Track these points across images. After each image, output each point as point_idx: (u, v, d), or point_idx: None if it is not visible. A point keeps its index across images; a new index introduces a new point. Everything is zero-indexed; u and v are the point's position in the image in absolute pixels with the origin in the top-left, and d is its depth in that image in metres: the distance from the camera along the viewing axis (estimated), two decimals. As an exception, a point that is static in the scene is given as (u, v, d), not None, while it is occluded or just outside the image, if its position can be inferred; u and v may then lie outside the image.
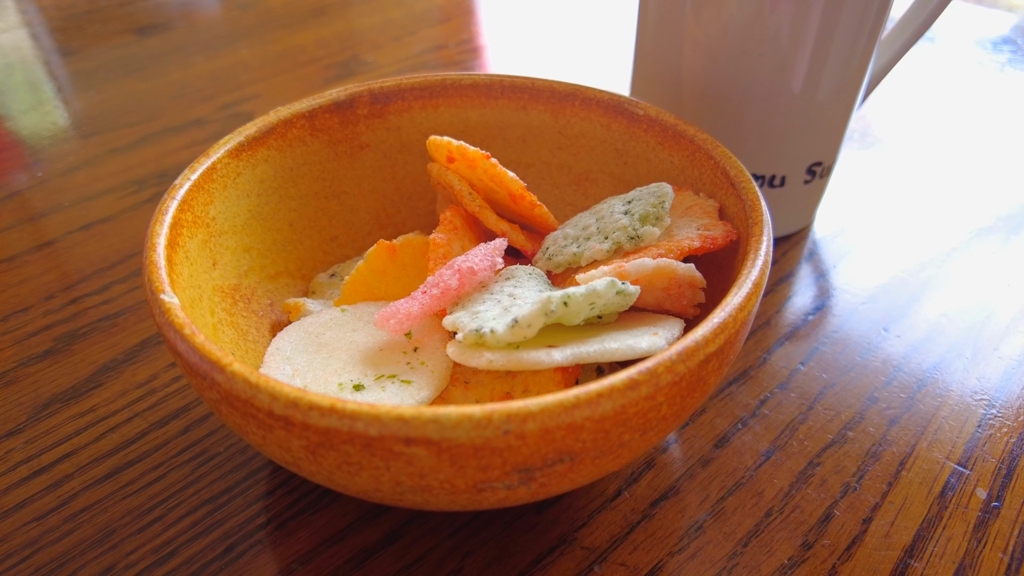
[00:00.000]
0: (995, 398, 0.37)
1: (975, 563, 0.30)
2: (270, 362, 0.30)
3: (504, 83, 0.40)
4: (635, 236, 0.31)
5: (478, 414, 0.21)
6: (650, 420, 0.24)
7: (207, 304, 0.31)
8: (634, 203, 0.33)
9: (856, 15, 0.39)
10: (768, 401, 0.37)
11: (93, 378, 0.37)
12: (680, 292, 0.30)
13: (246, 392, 0.22)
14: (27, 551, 0.29)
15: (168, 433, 0.34)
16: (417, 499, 0.24)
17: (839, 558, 0.30)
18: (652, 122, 0.37)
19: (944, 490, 0.33)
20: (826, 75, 0.40)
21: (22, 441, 0.34)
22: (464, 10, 0.85)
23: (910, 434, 0.35)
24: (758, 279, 0.27)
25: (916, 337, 0.41)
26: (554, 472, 0.23)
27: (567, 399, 0.21)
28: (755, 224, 0.30)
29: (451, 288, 0.29)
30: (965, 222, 0.50)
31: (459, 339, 0.26)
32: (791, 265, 0.46)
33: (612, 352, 0.26)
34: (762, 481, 0.33)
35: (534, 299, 0.27)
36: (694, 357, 0.24)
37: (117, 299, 0.42)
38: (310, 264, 0.38)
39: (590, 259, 0.31)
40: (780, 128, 0.42)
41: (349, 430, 0.21)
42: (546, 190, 0.42)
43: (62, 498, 0.32)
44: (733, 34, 0.40)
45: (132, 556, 0.29)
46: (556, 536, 0.30)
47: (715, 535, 0.31)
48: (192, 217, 0.31)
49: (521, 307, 0.27)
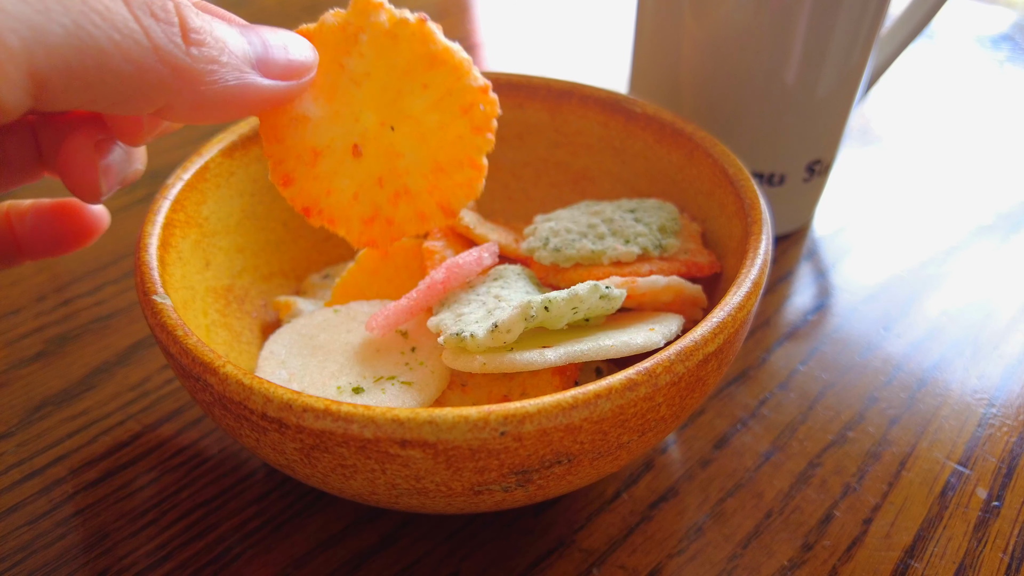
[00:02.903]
0: (995, 397, 0.37)
1: (975, 563, 0.30)
2: (264, 366, 0.29)
3: (500, 81, 0.39)
4: (660, 245, 0.32)
5: (475, 415, 0.21)
6: (649, 421, 0.23)
7: (200, 305, 0.31)
8: (641, 213, 0.34)
9: (854, 12, 0.38)
10: (768, 401, 0.36)
11: (86, 380, 0.37)
12: (682, 308, 0.30)
13: (240, 394, 0.22)
14: (20, 555, 0.29)
15: (161, 436, 0.34)
16: (413, 502, 0.24)
17: (840, 559, 0.30)
18: (650, 120, 0.37)
19: (944, 490, 0.32)
20: (825, 72, 0.40)
21: (14, 444, 0.34)
22: (460, 7, 0.84)
23: (910, 434, 0.35)
24: (757, 278, 0.27)
25: (916, 336, 0.40)
26: (552, 474, 0.23)
27: (564, 400, 0.21)
28: (754, 223, 0.29)
29: (436, 282, 0.29)
30: (965, 220, 0.50)
31: (441, 342, 0.26)
32: (791, 264, 0.46)
33: (607, 349, 0.25)
34: (762, 482, 0.33)
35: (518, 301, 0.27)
36: (693, 357, 0.23)
37: (109, 300, 0.42)
38: (304, 265, 0.38)
39: (613, 259, 0.31)
40: (779, 126, 0.42)
41: (344, 432, 0.21)
42: (543, 188, 0.41)
43: (55, 501, 0.31)
44: (731, 31, 0.39)
45: (125, 560, 0.29)
46: (554, 538, 0.30)
47: (715, 537, 0.30)
48: (185, 217, 0.31)
49: (504, 310, 0.26)
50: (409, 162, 0.28)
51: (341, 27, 0.26)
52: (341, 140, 0.27)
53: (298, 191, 0.28)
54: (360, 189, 0.28)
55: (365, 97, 0.27)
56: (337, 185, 0.28)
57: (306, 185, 0.28)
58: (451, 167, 0.28)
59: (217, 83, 0.22)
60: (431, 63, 0.26)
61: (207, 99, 0.22)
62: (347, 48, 0.27)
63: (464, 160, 0.27)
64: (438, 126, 0.27)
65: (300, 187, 0.28)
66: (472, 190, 0.28)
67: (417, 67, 0.27)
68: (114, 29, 0.19)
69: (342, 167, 0.28)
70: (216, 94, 0.22)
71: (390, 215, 0.28)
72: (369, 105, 0.27)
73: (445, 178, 0.28)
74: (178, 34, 0.21)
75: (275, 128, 0.27)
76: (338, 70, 0.27)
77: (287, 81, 0.25)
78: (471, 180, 0.28)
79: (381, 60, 0.27)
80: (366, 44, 0.26)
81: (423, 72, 0.27)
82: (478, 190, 0.28)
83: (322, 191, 0.28)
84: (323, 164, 0.27)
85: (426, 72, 0.27)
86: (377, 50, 0.27)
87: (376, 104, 0.27)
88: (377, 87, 0.27)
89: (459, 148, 0.27)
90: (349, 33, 0.26)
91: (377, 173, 0.28)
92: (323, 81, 0.27)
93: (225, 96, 0.22)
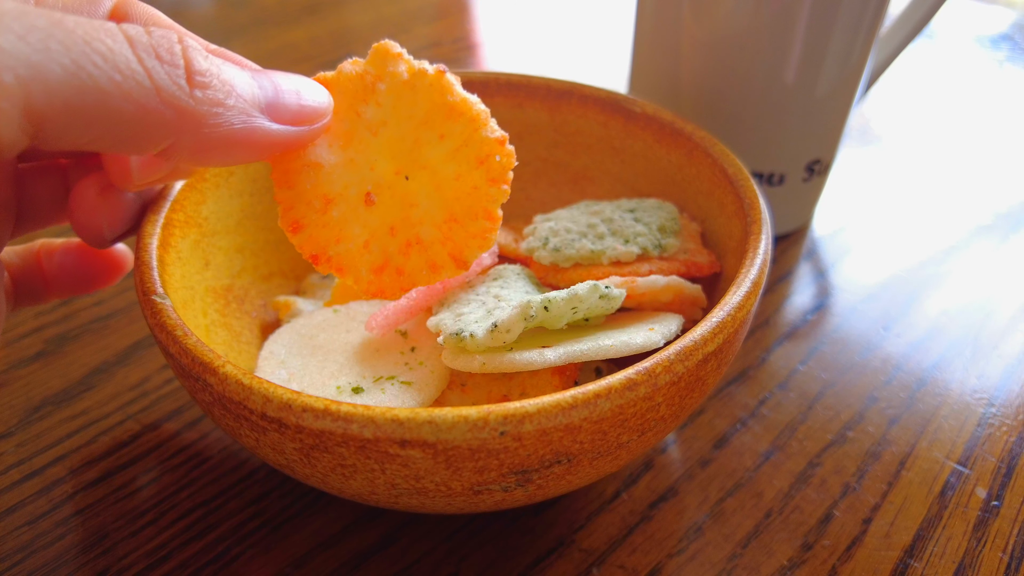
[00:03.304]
0: (995, 397, 0.37)
1: (975, 563, 0.30)
2: (264, 366, 0.29)
3: (500, 80, 0.39)
4: (659, 245, 0.32)
5: (474, 415, 0.21)
6: (648, 421, 0.23)
7: (199, 305, 0.31)
8: (641, 213, 0.34)
9: (854, 12, 0.38)
10: (768, 401, 0.36)
11: (85, 380, 0.37)
12: (681, 308, 0.30)
13: (239, 394, 0.22)
14: (19, 555, 0.29)
15: (161, 436, 0.34)
16: (413, 502, 0.24)
17: (839, 559, 0.30)
18: (650, 120, 0.37)
19: (944, 490, 0.32)
20: (824, 72, 0.40)
21: (14, 444, 0.34)
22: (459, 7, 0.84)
23: (910, 433, 0.35)
24: (757, 278, 0.27)
25: (916, 336, 0.40)
26: (551, 474, 0.23)
27: (564, 400, 0.21)
28: (754, 222, 0.29)
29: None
30: (964, 220, 0.50)
31: (440, 342, 0.26)
32: (790, 264, 0.46)
33: (607, 349, 0.25)
34: (762, 482, 0.33)
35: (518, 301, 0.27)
36: (692, 357, 0.23)
37: (109, 300, 0.42)
38: (303, 264, 0.38)
39: (613, 259, 0.31)
40: (779, 126, 0.42)
41: (343, 432, 0.21)
42: (543, 188, 0.41)
43: (54, 502, 0.31)
44: (731, 31, 0.39)
45: (125, 560, 0.29)
46: (554, 538, 0.30)
47: (714, 536, 0.30)
48: (184, 217, 0.31)
49: (503, 310, 0.26)
50: (423, 212, 0.27)
51: (360, 76, 0.26)
52: (355, 188, 0.27)
53: (307, 238, 0.27)
54: (371, 238, 0.28)
55: (381, 146, 0.27)
56: (348, 233, 0.27)
57: (315, 232, 0.27)
58: (465, 218, 0.27)
59: (222, 126, 0.22)
60: (448, 114, 0.26)
61: (212, 141, 0.22)
62: (365, 97, 0.26)
63: (479, 211, 0.27)
64: (454, 176, 0.27)
65: (309, 234, 0.27)
66: (486, 241, 0.27)
67: (435, 118, 0.27)
68: (115, 70, 0.19)
69: (354, 215, 0.27)
70: (221, 137, 0.22)
71: (400, 265, 0.28)
72: (385, 154, 0.27)
73: (459, 229, 0.27)
74: (182, 76, 0.21)
75: (287, 174, 0.27)
76: (355, 118, 0.27)
77: (298, 127, 0.25)
78: (485, 231, 0.27)
79: (399, 110, 0.27)
80: (384, 93, 0.26)
81: (440, 123, 0.27)
82: (492, 241, 0.27)
83: (332, 239, 0.27)
84: (334, 211, 0.27)
85: (443, 123, 0.27)
86: (395, 100, 0.27)
87: (392, 153, 0.27)
88: (394, 136, 0.27)
89: (474, 199, 0.27)
90: (367, 82, 0.26)
91: (390, 222, 0.28)
92: (339, 128, 0.27)
93: (230, 139, 0.22)
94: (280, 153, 0.26)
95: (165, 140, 0.21)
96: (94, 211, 0.26)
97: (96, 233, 0.27)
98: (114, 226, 0.27)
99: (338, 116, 0.26)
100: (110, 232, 0.27)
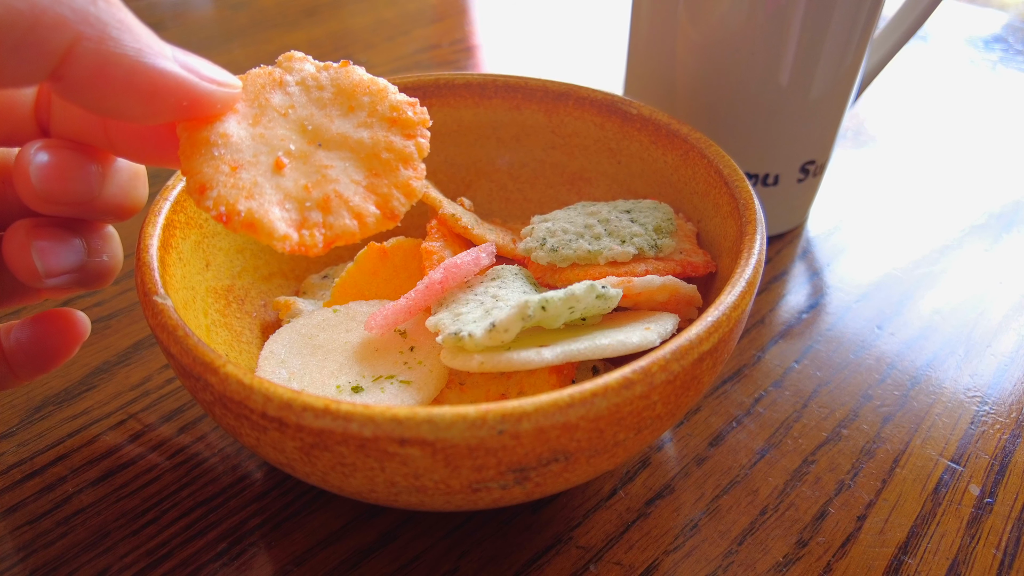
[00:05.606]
0: (988, 395, 0.37)
1: (968, 559, 0.30)
2: (265, 366, 0.30)
3: (498, 83, 0.40)
4: (655, 245, 0.32)
5: (473, 414, 0.21)
6: (644, 419, 0.24)
7: (200, 305, 0.31)
8: (637, 213, 0.34)
9: (848, 14, 0.39)
10: (763, 399, 0.37)
11: (86, 380, 0.37)
12: (677, 308, 0.31)
13: (240, 394, 0.22)
14: (21, 554, 0.29)
15: (162, 435, 0.34)
16: (412, 500, 0.24)
17: (834, 555, 0.30)
18: (646, 121, 0.37)
19: (938, 487, 0.33)
20: (819, 74, 0.41)
21: (15, 444, 0.34)
22: (457, 9, 0.84)
23: (904, 431, 0.35)
24: (752, 277, 0.27)
25: (909, 335, 0.41)
26: (549, 471, 0.23)
27: (561, 398, 0.21)
28: (748, 223, 0.30)
29: (435, 281, 0.29)
30: (958, 220, 0.50)
31: (439, 341, 0.26)
32: (785, 263, 0.46)
33: (603, 348, 0.26)
34: (757, 479, 0.33)
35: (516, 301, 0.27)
36: (688, 355, 0.24)
37: (110, 301, 0.42)
38: (303, 265, 0.38)
39: (609, 259, 0.32)
40: (773, 127, 0.42)
41: (343, 431, 0.21)
42: (540, 189, 0.42)
43: (56, 501, 0.31)
44: (726, 33, 0.40)
45: (126, 559, 0.29)
46: (552, 535, 0.30)
47: (710, 533, 0.31)
48: (185, 218, 0.31)
49: (501, 310, 0.27)
50: (339, 172, 0.27)
51: (268, 73, 0.27)
52: (265, 156, 0.26)
53: (215, 198, 0.25)
54: (285, 197, 0.27)
55: (291, 123, 0.27)
56: (259, 193, 0.26)
57: (224, 192, 0.26)
58: (385, 171, 0.27)
59: (127, 49, 0.19)
60: (354, 91, 0.27)
61: (113, 64, 0.19)
62: (273, 87, 0.27)
63: (398, 163, 0.27)
64: (369, 138, 0.27)
65: (218, 194, 0.25)
66: (411, 191, 0.27)
67: (341, 96, 0.27)
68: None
69: (265, 179, 0.26)
70: (126, 65, 0.19)
71: (322, 219, 0.27)
72: (295, 130, 0.27)
73: (380, 182, 0.27)
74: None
75: (194, 144, 0.26)
76: (264, 103, 0.27)
77: (207, 83, 0.23)
78: (408, 179, 0.27)
79: (306, 95, 0.27)
80: (292, 84, 0.27)
81: (347, 100, 0.27)
82: (417, 192, 0.27)
83: (241, 197, 0.26)
84: (243, 174, 0.26)
85: (350, 99, 0.27)
86: (303, 88, 0.27)
87: (302, 129, 0.27)
88: (303, 116, 0.27)
89: (392, 154, 0.27)
90: (275, 77, 0.27)
91: (304, 183, 0.27)
92: (248, 112, 0.26)
93: (135, 71, 0.20)
94: (186, 118, 0.24)
95: (61, 44, 0.18)
96: (23, 245, 0.24)
97: (28, 266, 0.25)
98: (49, 262, 0.25)
99: (247, 102, 0.26)
100: (45, 267, 0.25)
